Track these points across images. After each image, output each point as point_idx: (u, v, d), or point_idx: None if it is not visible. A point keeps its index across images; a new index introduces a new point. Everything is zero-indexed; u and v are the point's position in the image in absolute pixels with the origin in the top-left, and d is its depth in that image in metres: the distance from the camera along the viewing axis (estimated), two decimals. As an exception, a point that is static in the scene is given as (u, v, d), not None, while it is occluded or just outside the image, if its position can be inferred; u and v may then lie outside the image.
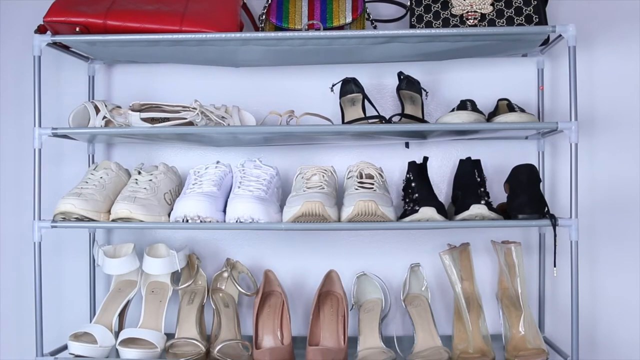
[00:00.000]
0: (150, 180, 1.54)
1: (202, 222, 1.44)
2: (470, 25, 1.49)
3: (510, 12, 1.49)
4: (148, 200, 1.48)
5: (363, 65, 1.70)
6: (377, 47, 1.51)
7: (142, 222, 1.45)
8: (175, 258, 1.56)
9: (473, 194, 1.49)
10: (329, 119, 1.63)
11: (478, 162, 1.60)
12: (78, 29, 1.47)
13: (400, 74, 1.60)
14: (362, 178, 1.49)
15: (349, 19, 1.55)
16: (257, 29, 1.64)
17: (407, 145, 1.67)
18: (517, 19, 1.48)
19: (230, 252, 1.73)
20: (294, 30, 1.56)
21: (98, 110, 1.55)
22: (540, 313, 1.66)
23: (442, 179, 1.71)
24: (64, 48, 1.59)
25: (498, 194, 1.63)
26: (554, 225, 1.41)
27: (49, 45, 1.50)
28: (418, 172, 1.56)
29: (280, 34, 1.45)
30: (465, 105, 1.51)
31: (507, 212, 1.48)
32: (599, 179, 1.68)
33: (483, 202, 1.44)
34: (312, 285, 1.71)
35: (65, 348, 1.51)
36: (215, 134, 1.51)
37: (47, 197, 1.54)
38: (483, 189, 1.55)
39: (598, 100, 1.68)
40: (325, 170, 1.51)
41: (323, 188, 1.45)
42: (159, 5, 1.49)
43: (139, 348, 1.47)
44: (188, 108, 1.51)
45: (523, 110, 1.50)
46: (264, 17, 1.60)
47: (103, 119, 1.54)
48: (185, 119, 1.49)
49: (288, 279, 1.72)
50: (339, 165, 1.65)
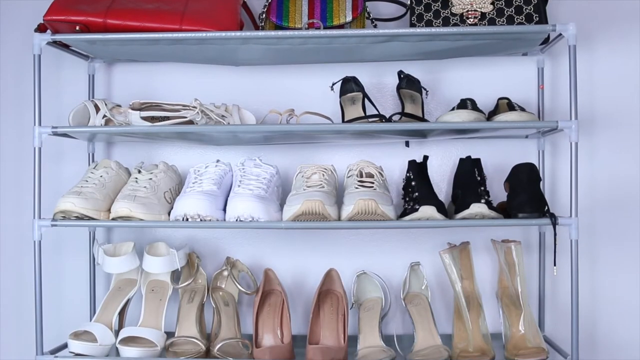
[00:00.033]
0: (150, 179, 1.54)
1: (202, 220, 1.44)
2: (471, 24, 1.49)
3: (511, 11, 1.49)
4: (148, 199, 1.48)
5: (363, 64, 1.70)
6: (377, 46, 1.51)
7: (142, 220, 1.45)
8: (175, 257, 1.56)
9: (473, 193, 1.49)
10: (329, 118, 1.63)
11: (478, 161, 1.60)
12: (78, 28, 1.47)
13: (401, 73, 1.60)
14: (362, 177, 1.48)
15: (349, 18, 1.55)
16: (257, 28, 1.64)
17: (407, 144, 1.67)
18: (517, 18, 1.48)
19: (230, 250, 1.73)
20: (294, 29, 1.56)
21: (98, 109, 1.55)
22: (540, 312, 1.66)
23: (442, 178, 1.71)
24: (64, 47, 1.59)
25: (498, 193, 1.63)
26: (554, 224, 1.41)
27: (49, 44, 1.50)
28: (418, 171, 1.56)
29: (281, 33, 1.45)
30: (466, 104, 1.51)
31: (507, 211, 1.48)
32: (599, 178, 1.68)
33: (483, 201, 1.44)
34: (312, 284, 1.71)
35: (66, 346, 1.52)
36: (215, 133, 1.51)
37: (47, 195, 1.54)
38: (483, 188, 1.55)
39: (598, 99, 1.68)
40: (325, 169, 1.51)
41: (323, 187, 1.45)
42: (159, 4, 1.49)
43: (139, 347, 1.47)
44: (188, 107, 1.51)
45: (523, 109, 1.50)
46: (264, 15, 1.60)
47: (103, 118, 1.54)
48: (185, 118, 1.49)
49: (288, 278, 1.72)
50: (339, 164, 1.65)
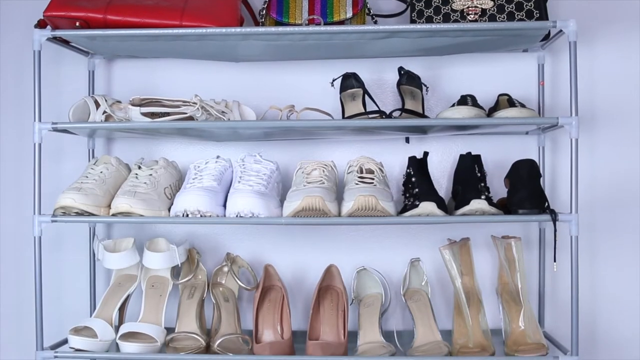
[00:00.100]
0: (151, 175, 1.54)
1: (202, 216, 1.44)
2: (471, 21, 1.49)
3: (511, 7, 1.48)
4: (148, 195, 1.48)
5: (363, 60, 1.69)
6: (377, 42, 1.50)
7: (142, 216, 1.45)
8: (176, 252, 1.56)
9: (473, 189, 1.49)
10: (330, 114, 1.63)
11: (478, 157, 1.60)
12: (78, 24, 1.47)
13: (401, 69, 1.60)
14: (362, 173, 1.48)
15: (350, 14, 1.55)
16: (257, 24, 1.64)
17: (407, 140, 1.67)
18: (517, 14, 1.48)
19: (231, 246, 1.73)
20: (295, 25, 1.56)
21: (98, 105, 1.55)
22: (540, 308, 1.66)
23: (442, 174, 1.71)
24: (64, 43, 1.59)
25: (498, 189, 1.63)
26: (554, 221, 1.41)
27: (49, 40, 1.49)
28: (418, 167, 1.56)
29: (281, 29, 1.45)
30: (466, 101, 1.51)
31: (507, 207, 1.48)
32: (599, 175, 1.68)
33: (483, 197, 1.44)
34: (312, 280, 1.71)
35: (66, 342, 1.51)
36: (216, 129, 1.51)
37: (47, 191, 1.54)
38: (483, 184, 1.55)
39: (598, 96, 1.68)
40: (326, 165, 1.51)
41: (323, 183, 1.45)
42: (159, 0, 1.49)
43: (139, 342, 1.47)
44: (188, 103, 1.51)
45: (523, 106, 1.50)
46: (264, 12, 1.60)
47: (103, 114, 1.54)
48: (186, 114, 1.49)
49: (288, 274, 1.72)
50: (339, 160, 1.65)
